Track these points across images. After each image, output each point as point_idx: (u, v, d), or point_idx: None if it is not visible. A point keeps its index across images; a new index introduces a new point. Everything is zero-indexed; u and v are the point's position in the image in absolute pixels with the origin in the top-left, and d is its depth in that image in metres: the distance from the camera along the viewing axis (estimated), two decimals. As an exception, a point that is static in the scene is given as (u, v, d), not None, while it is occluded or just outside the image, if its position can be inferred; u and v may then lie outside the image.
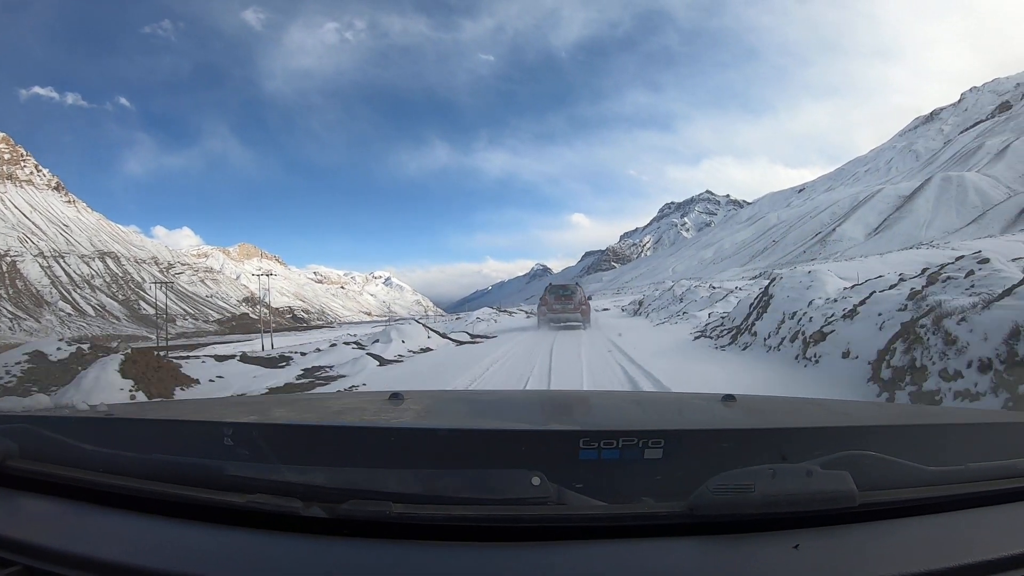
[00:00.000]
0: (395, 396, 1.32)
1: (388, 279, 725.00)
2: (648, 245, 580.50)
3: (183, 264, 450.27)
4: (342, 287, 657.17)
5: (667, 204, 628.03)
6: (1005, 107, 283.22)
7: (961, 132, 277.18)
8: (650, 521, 0.74)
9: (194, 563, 0.69)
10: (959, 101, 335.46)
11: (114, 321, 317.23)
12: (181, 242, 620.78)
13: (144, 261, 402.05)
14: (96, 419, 1.11)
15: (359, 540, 0.72)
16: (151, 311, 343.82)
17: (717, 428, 1.14)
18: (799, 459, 0.80)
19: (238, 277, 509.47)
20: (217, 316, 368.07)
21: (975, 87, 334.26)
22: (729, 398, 1.32)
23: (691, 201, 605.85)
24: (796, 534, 0.72)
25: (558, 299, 16.42)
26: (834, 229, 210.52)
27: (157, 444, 0.97)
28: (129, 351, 10.03)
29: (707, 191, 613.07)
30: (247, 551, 0.72)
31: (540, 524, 0.73)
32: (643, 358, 8.83)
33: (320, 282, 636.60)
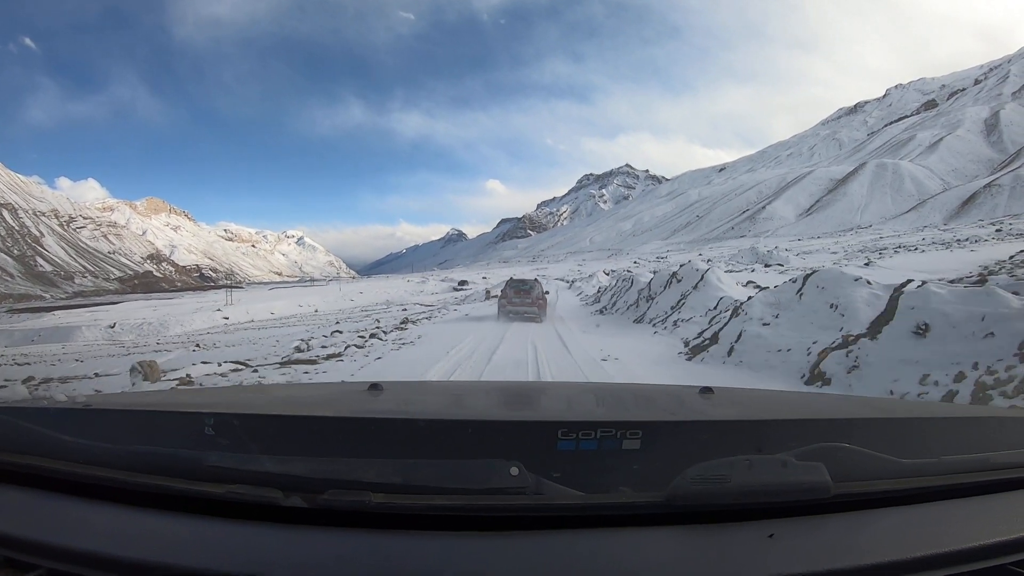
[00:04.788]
0: (374, 386, 1.32)
1: (301, 239, 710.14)
2: (565, 215, 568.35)
3: (85, 218, 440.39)
4: (253, 246, 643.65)
5: (586, 175, 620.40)
6: (931, 105, 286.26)
7: (887, 125, 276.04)
8: (628, 511, 0.74)
9: (174, 553, 0.69)
10: (884, 96, 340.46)
11: (7, 279, 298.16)
12: (86, 194, 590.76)
13: (43, 214, 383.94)
14: (74, 410, 1.09)
15: (339, 530, 0.72)
16: (48, 268, 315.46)
17: (694, 419, 1.14)
18: (775, 450, 0.80)
19: (144, 233, 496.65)
20: (119, 274, 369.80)
21: (901, 84, 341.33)
22: (707, 390, 1.31)
23: (610, 174, 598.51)
24: (771, 524, 0.73)
25: (517, 293, 17.81)
26: (764, 207, 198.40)
27: (136, 435, 0.96)
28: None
29: (627, 165, 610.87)
30: (227, 541, 0.72)
31: (518, 514, 0.73)
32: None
33: (231, 240, 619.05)
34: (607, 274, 44.50)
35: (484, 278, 47.53)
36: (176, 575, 0.66)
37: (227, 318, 31.61)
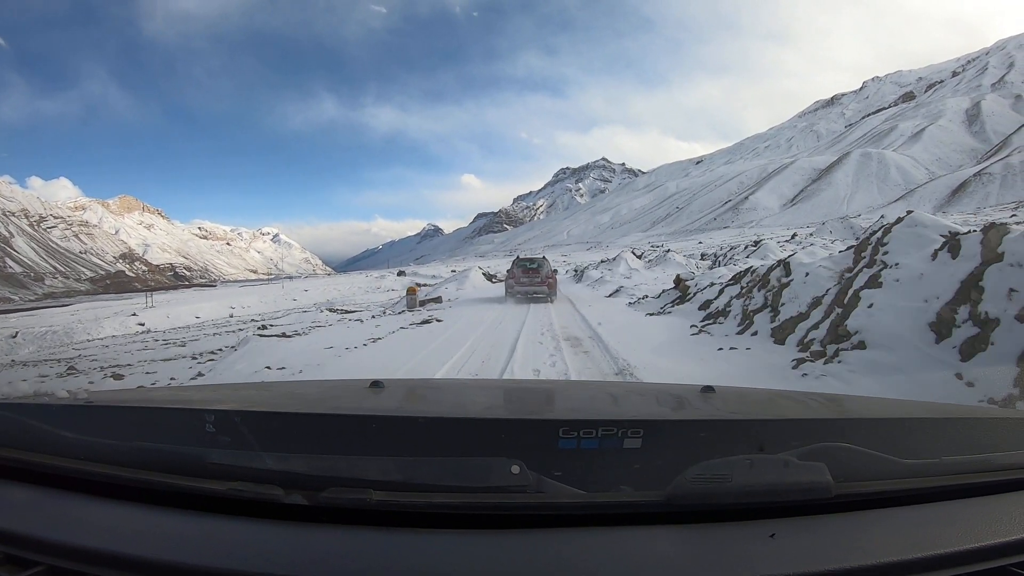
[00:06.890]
0: (376, 384, 1.32)
1: (276, 236, 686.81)
2: (542, 208, 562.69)
3: (56, 217, 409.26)
4: (228, 243, 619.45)
5: (562, 169, 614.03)
6: (909, 97, 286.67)
7: (865, 116, 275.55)
8: (628, 510, 0.74)
9: (175, 550, 0.69)
10: (861, 88, 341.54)
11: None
12: (58, 193, 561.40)
13: (13, 214, 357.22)
14: (76, 406, 1.09)
15: (339, 527, 0.72)
16: (18, 269, 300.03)
17: (696, 418, 1.13)
18: (776, 450, 0.80)
19: (117, 232, 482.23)
20: (91, 274, 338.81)
21: (877, 77, 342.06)
22: (708, 389, 1.30)
23: (586, 167, 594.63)
24: (773, 523, 0.73)
25: (525, 272, 16.88)
26: (746, 198, 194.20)
27: (138, 431, 0.95)
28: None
29: (603, 158, 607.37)
30: (228, 538, 0.71)
31: (519, 512, 0.73)
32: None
33: (205, 238, 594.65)
34: (638, 256, 33.80)
35: (452, 271, 40.75)
36: (177, 572, 0.65)
37: (143, 324, 24.17)
